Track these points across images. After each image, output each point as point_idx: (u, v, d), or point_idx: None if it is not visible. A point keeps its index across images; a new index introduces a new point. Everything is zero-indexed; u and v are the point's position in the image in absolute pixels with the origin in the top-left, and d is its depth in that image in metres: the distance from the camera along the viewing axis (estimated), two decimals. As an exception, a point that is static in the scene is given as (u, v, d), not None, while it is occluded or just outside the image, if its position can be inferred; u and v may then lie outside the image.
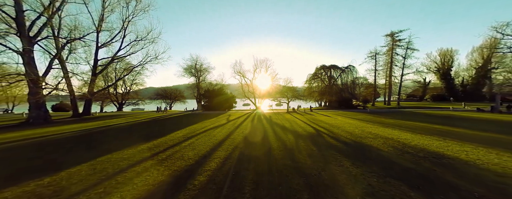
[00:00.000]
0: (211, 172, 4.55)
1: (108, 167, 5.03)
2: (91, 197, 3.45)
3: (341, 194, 3.45)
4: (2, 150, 7.26)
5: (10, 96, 31.87)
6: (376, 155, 5.74)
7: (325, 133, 9.48)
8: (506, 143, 6.83)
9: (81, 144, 7.90)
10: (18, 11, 13.27)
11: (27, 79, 13.52)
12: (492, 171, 4.40)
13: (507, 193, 3.41)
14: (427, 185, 3.75)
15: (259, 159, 5.57)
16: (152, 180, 4.19)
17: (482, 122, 12.41)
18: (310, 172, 4.50)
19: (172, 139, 8.43)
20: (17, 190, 3.77)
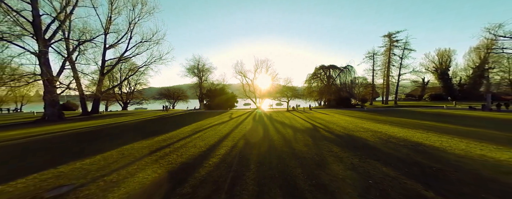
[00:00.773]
0: (222, 156, 5.45)
1: (134, 153, 5.94)
2: (130, 172, 4.35)
3: (328, 169, 4.34)
4: (37, 141, 8.18)
5: (19, 96, 32.93)
6: (362, 144, 6.62)
7: (321, 128, 10.37)
8: (480, 135, 7.70)
9: (102, 137, 8.81)
10: (35, 15, 14.19)
11: (43, 79, 14.45)
12: (456, 154, 5.28)
13: (457, 167, 4.30)
14: (398, 163, 4.64)
15: (261, 147, 6.46)
16: (174, 160, 5.10)
17: (469, 119, 13.26)
18: (304, 156, 5.39)
19: (182, 133, 9.34)
20: (68, 167, 4.68)
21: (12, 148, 7.07)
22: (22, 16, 13.82)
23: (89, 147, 6.86)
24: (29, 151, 6.50)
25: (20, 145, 7.45)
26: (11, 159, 5.62)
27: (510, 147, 5.86)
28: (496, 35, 23.26)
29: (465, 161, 4.72)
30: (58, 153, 6.17)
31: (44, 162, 5.13)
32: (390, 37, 35.67)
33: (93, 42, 18.64)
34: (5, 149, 6.87)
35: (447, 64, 50.98)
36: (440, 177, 3.79)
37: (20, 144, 7.70)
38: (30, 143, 7.85)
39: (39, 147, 7.07)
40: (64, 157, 5.53)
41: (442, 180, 3.68)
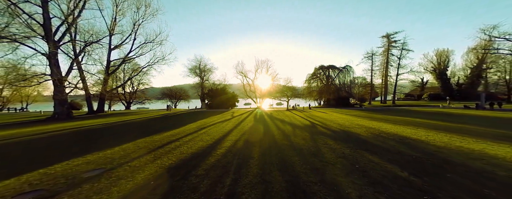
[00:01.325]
0: (227, 148, 6.08)
1: (148, 145, 6.57)
2: (148, 159, 4.98)
3: (322, 157, 4.97)
4: (55, 136, 8.82)
5: (24, 96, 33.63)
6: (355, 138, 7.25)
7: (319, 125, 10.99)
8: (466, 130, 8.32)
9: (115, 133, 9.45)
10: (45, 18, 14.84)
11: (53, 79, 15.10)
12: (437, 145, 5.91)
13: (433, 155, 4.93)
14: (383, 153, 5.27)
15: (262, 140, 7.09)
16: (185, 151, 5.73)
17: (461, 117, 13.87)
18: (301, 147, 6.02)
19: (188, 129, 9.97)
20: (93, 157, 5.32)
21: (36, 142, 7.72)
22: (34, 19, 14.48)
23: (105, 141, 7.49)
24: (52, 144, 7.14)
25: (42, 139, 8.09)
26: (40, 150, 6.26)
27: (487, 140, 6.49)
28: (491, 36, 23.86)
29: (442, 151, 5.35)
30: (78, 146, 6.80)
31: (69, 153, 5.76)
32: (389, 37, 36.29)
33: (99, 43, 19.30)
34: (32, 143, 7.51)
35: (445, 64, 51.57)
36: (416, 163, 4.42)
37: (42, 138, 8.35)
38: (50, 137, 8.49)
39: (59, 141, 7.71)
40: (84, 149, 6.17)
41: (417, 164, 4.31)
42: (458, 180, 3.46)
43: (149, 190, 3.26)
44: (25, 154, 5.84)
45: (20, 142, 7.71)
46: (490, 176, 3.64)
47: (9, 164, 4.91)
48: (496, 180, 3.44)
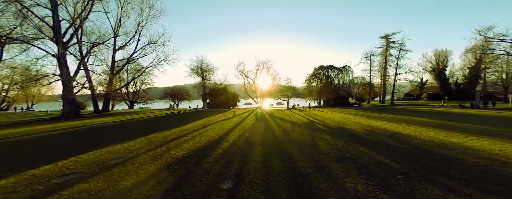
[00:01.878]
0: (232, 141, 6.68)
1: (159, 140, 7.18)
2: (162, 151, 5.59)
3: (317, 149, 5.57)
4: (70, 132, 9.44)
5: (30, 95, 34.31)
6: (349, 133, 7.85)
7: (317, 122, 11.59)
8: (453, 127, 8.90)
9: (125, 130, 10.05)
10: (55, 21, 15.47)
11: (62, 79, 15.74)
12: (422, 139, 6.50)
13: (417, 146, 5.53)
14: (373, 145, 5.86)
15: (264, 135, 7.70)
16: (194, 144, 6.33)
17: (454, 115, 14.44)
18: (299, 141, 6.62)
19: (194, 126, 10.58)
20: (112, 148, 5.93)
21: (57, 136, 8.34)
22: (45, 22, 15.12)
23: (119, 136, 8.10)
24: (72, 139, 7.76)
25: (61, 135, 8.71)
26: (64, 143, 6.88)
27: (469, 134, 7.08)
28: (486, 37, 24.41)
29: (426, 143, 5.95)
30: (96, 140, 7.41)
31: (90, 146, 6.37)
32: (387, 38, 36.85)
33: (105, 44, 19.94)
34: (52, 138, 8.13)
35: (444, 64, 52.09)
36: (400, 153, 5.02)
37: (61, 134, 8.97)
38: (68, 133, 9.11)
39: (77, 136, 8.34)
40: (103, 143, 6.78)
41: (400, 154, 4.91)
42: (432, 165, 4.06)
43: (169, 173, 3.87)
44: (51, 146, 6.45)
45: (43, 137, 8.32)
46: (460, 162, 4.24)
47: (40, 154, 5.52)
48: (464, 165, 4.04)
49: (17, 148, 6.48)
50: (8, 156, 5.49)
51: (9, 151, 6.09)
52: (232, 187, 3.19)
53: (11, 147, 6.55)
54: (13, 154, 5.62)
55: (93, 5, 17.81)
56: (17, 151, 6.03)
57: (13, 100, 34.14)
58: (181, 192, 3.02)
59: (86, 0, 16.99)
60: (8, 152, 5.90)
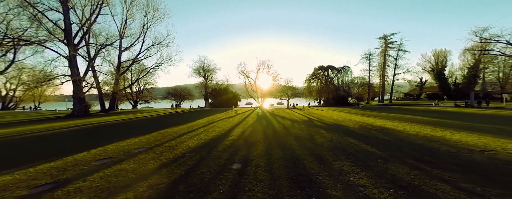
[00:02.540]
0: (237, 136, 7.41)
1: (171, 134, 7.92)
2: (176, 142, 6.32)
3: (314, 141, 6.28)
4: (86, 129, 10.20)
5: (37, 95, 35.23)
6: (344, 129, 8.56)
7: (315, 120, 12.30)
8: (441, 123, 9.58)
9: (136, 126, 10.81)
10: (66, 24, 16.27)
11: (73, 79, 16.54)
12: (409, 133, 7.19)
13: (402, 139, 6.23)
14: (363, 138, 6.57)
15: (265, 130, 8.42)
16: (204, 137, 7.07)
17: (446, 113, 15.09)
18: (298, 135, 7.34)
19: (199, 123, 11.32)
20: (132, 141, 6.67)
21: (75, 132, 9.10)
22: (57, 26, 15.94)
23: (134, 131, 8.85)
24: (92, 133, 8.52)
25: (80, 130, 9.47)
26: (87, 137, 7.63)
27: (452, 129, 7.77)
28: (482, 38, 25.01)
29: (411, 137, 6.65)
30: (113, 135, 8.16)
31: (110, 139, 7.12)
32: (386, 39, 37.48)
33: (113, 45, 20.72)
34: (72, 133, 8.89)
35: (443, 64, 52.59)
36: (385, 144, 5.73)
37: (77, 130, 9.73)
38: (85, 129, 9.88)
39: (95, 131, 9.10)
40: (121, 137, 7.53)
41: (385, 145, 5.62)
42: (409, 152, 4.77)
43: (187, 158, 4.60)
44: (76, 140, 7.20)
45: (64, 132, 9.07)
46: (435, 150, 4.94)
47: (70, 145, 6.27)
48: (437, 153, 4.75)
49: (47, 141, 7.24)
50: (43, 146, 6.25)
51: (42, 143, 6.85)
52: (241, 168, 3.92)
53: (41, 140, 7.31)
54: (47, 146, 6.38)
55: (101, 9, 18.61)
56: (49, 143, 6.79)
57: (20, 100, 35.06)
58: (200, 171, 3.75)
59: (95, 4, 17.80)
60: (42, 143, 6.66)
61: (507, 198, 2.61)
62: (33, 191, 3.02)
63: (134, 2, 22.86)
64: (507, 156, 4.40)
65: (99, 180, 3.38)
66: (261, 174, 3.55)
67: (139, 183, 3.23)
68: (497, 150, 4.83)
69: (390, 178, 3.27)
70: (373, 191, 2.84)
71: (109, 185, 3.15)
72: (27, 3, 14.43)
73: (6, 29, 17.79)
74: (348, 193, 2.78)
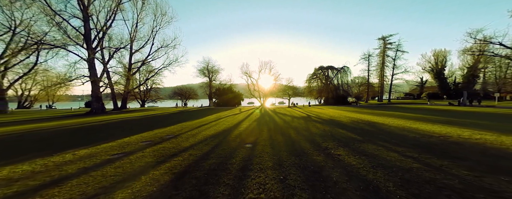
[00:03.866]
0: (244, 128, 8.76)
1: (188, 127, 9.30)
2: (193, 133, 7.68)
3: (309, 131, 7.60)
4: (111, 123, 11.64)
5: (50, 95, 37.10)
6: (337, 123, 9.85)
7: (313, 116, 13.60)
8: (426, 119, 10.79)
9: (153, 121, 12.22)
10: (86, 30, 17.82)
11: (92, 80, 18.09)
12: (390, 126, 8.46)
13: (383, 129, 7.52)
14: (351, 129, 7.87)
15: (268, 124, 9.76)
16: (216, 129, 8.44)
17: (436, 111, 16.23)
18: (296, 127, 8.67)
19: (209, 119, 12.70)
20: (159, 130, 8.06)
21: (105, 125, 10.54)
22: (79, 32, 17.51)
23: (155, 125, 10.25)
24: (119, 126, 9.94)
25: (107, 124, 10.91)
26: (119, 128, 9.06)
27: (429, 123, 9.00)
28: (476, 39, 25.96)
29: (391, 128, 7.93)
30: (141, 127, 9.57)
31: (139, 130, 8.52)
32: (384, 39, 38.51)
33: (126, 48, 22.27)
34: (102, 126, 10.34)
35: (442, 64, 53.32)
36: (367, 132, 7.03)
37: (105, 124, 11.18)
38: (111, 123, 11.31)
39: (121, 125, 10.53)
40: (148, 128, 8.93)
41: (367, 133, 6.91)
42: (382, 138, 6.07)
43: (209, 141, 5.96)
44: (111, 130, 8.62)
45: (94, 125, 10.52)
46: (403, 137, 6.22)
47: (110, 134, 7.67)
48: (404, 138, 6.03)
49: (92, 130, 8.67)
50: (94, 134, 7.67)
51: (90, 131, 8.28)
52: (252, 146, 5.26)
53: (88, 130, 8.75)
54: (97, 133, 7.80)
55: (116, 15, 20.13)
56: (95, 132, 8.23)
57: (35, 99, 36.99)
58: (222, 148, 5.11)
59: (111, 10, 19.34)
60: (90, 132, 8.09)
61: (433, 159, 3.90)
62: (113, 157, 4.41)
63: (144, 7, 24.39)
64: (456, 139, 5.67)
65: (153, 152, 4.76)
66: (267, 149, 4.89)
67: (181, 153, 4.61)
68: (452, 136, 6.10)
69: (359, 151, 4.59)
70: (344, 157, 4.17)
71: (161, 154, 4.53)
72: (53, 12, 16.00)
73: (28, 34, 19.48)
74: (327, 158, 4.12)
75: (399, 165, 3.61)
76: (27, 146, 5.83)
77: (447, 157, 4.03)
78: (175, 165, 3.81)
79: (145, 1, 23.88)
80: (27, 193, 2.75)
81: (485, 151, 4.48)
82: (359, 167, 3.53)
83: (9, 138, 7.29)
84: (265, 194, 2.60)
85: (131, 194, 2.63)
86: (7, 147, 5.76)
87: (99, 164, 3.95)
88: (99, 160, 4.19)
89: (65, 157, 4.45)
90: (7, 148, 5.69)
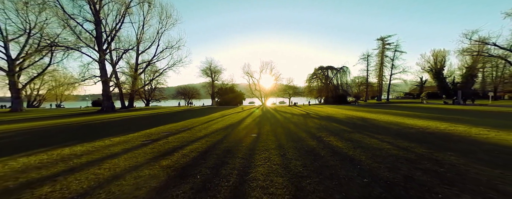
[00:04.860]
0: (249, 123, 9.72)
1: (198, 122, 10.28)
2: (204, 126, 8.66)
3: (306, 125, 8.55)
4: (123, 119, 12.64)
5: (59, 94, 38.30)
6: (333, 118, 10.78)
7: (311, 113, 14.54)
8: (413, 115, 11.69)
9: (166, 117, 13.22)
10: (98, 32, 18.88)
11: (103, 80, 19.14)
12: (380, 120, 9.39)
13: (373, 123, 8.45)
14: (344, 123, 8.81)
15: (270, 120, 10.72)
16: (225, 123, 9.41)
17: (429, 109, 17.08)
18: (295, 122, 9.62)
19: (215, 116, 13.68)
20: (173, 124, 9.05)
21: (121, 121, 11.55)
22: (92, 35, 18.58)
23: (167, 120, 11.24)
24: (134, 122, 10.94)
25: (122, 120, 11.92)
26: (134, 124, 10.06)
27: (415, 118, 9.91)
28: (471, 40, 26.73)
29: (379, 122, 8.86)
30: (155, 122, 10.54)
31: (156, 124, 9.50)
32: (383, 40, 39.31)
33: (134, 49, 23.31)
34: (119, 121, 11.34)
35: (441, 64, 53.90)
36: (357, 125, 7.97)
37: (121, 120, 12.19)
38: (125, 120, 12.31)
39: (136, 120, 11.53)
40: (162, 123, 9.92)
41: (357, 126, 7.85)
42: (370, 130, 7.01)
43: (219, 132, 6.93)
44: (129, 125, 9.61)
45: (112, 121, 11.52)
46: (387, 128, 7.16)
47: (130, 127, 8.66)
48: (388, 129, 6.97)
49: (113, 124, 9.67)
50: (117, 127, 8.67)
51: (113, 125, 9.28)
52: (257, 135, 6.22)
53: (109, 124, 9.75)
54: (119, 127, 8.80)
55: (125, 18, 21.17)
56: (113, 126, 9.23)
57: (43, 98, 38.21)
58: (231, 137, 6.07)
59: (120, 14, 20.39)
60: (113, 125, 9.09)
61: (404, 143, 4.83)
62: (144, 142, 5.39)
63: (150, 10, 25.43)
64: (432, 130, 6.59)
65: (175, 139, 5.74)
66: (270, 137, 5.86)
67: (199, 140, 5.58)
68: (430, 127, 7.02)
69: (346, 138, 5.54)
70: (333, 142, 5.12)
71: (183, 140, 5.51)
72: (67, 16, 17.08)
73: (41, 36, 20.58)
74: (319, 143, 5.07)
75: (375, 146, 4.56)
76: (63, 136, 6.83)
77: (417, 142, 4.97)
78: (197, 147, 4.78)
79: (151, 4, 24.90)
80: (94, 162, 3.73)
81: (450, 137, 5.42)
82: (343, 148, 4.49)
83: (39, 130, 8.29)
84: (270, 163, 3.57)
85: (174, 162, 3.61)
86: (42, 137, 6.76)
87: (136, 146, 4.94)
88: (134, 144, 5.17)
89: (105, 142, 5.44)
90: (43, 138, 6.68)
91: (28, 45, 20.99)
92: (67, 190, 2.56)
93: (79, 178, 2.93)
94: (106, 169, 3.33)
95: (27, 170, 3.35)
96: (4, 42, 19.53)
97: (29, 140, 6.32)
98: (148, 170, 3.23)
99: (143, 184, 2.70)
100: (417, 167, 3.21)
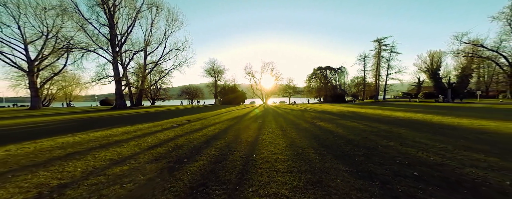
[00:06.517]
0: (252, 115, 11.18)
1: (207, 115, 11.74)
2: (217, 117, 10.13)
3: (304, 116, 10.01)
4: (142, 113, 14.09)
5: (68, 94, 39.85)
6: (328, 112, 12.23)
7: (309, 109, 15.99)
8: (399, 110, 13.14)
9: (178, 112, 14.67)
10: (112, 35, 20.41)
11: (116, 79, 20.64)
12: (370, 113, 10.82)
13: (363, 115, 9.91)
14: (336, 115, 10.27)
15: (272, 113, 12.18)
16: (231, 116, 10.87)
17: (417, 106, 18.50)
18: (294, 114, 11.08)
19: (221, 111, 15.14)
20: (188, 116, 10.51)
21: (141, 115, 13.02)
22: (107, 38, 20.12)
23: (179, 114, 12.70)
24: (150, 116, 12.41)
25: (142, 115, 13.38)
26: (154, 117, 11.53)
27: (399, 112, 11.35)
28: (462, 42, 28.17)
29: (367, 114, 10.30)
30: (170, 115, 12.00)
31: (171, 116, 10.95)
32: (379, 42, 40.82)
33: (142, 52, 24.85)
34: (136, 116, 12.80)
35: (437, 64, 55.35)
36: (346, 116, 9.42)
37: (140, 115, 13.65)
38: (140, 115, 13.77)
39: (151, 115, 13.00)
40: (176, 116, 11.38)
41: (346, 116, 9.31)
42: (355, 118, 8.46)
43: (228, 121, 8.40)
44: (148, 118, 11.07)
45: (130, 116, 12.96)
46: (370, 118, 8.60)
47: (150, 119, 10.11)
48: (369, 118, 8.42)
49: (134, 117, 11.12)
50: (140, 118, 10.12)
51: (132, 118, 10.73)
52: (261, 122, 7.68)
53: (131, 117, 11.21)
54: (139, 118, 10.26)
55: (135, 22, 22.70)
56: (137, 117, 10.68)
57: (53, 98, 39.73)
58: (240, 124, 7.52)
59: (131, 18, 21.95)
60: (136, 118, 10.53)
61: (376, 124, 6.28)
62: (174, 125, 6.86)
63: (158, 14, 26.98)
64: (406, 118, 8.04)
65: (197, 124, 7.21)
66: (272, 123, 7.32)
67: (215, 125, 7.05)
68: (404, 117, 8.47)
69: (334, 123, 7.00)
70: (323, 125, 6.58)
71: (203, 125, 6.97)
72: (85, 20, 18.63)
73: (57, 38, 22.12)
74: (311, 125, 6.53)
75: (353, 126, 6.03)
76: (102, 124, 8.29)
77: (386, 124, 6.42)
78: (217, 127, 6.25)
79: (159, 8, 26.45)
80: (150, 134, 5.18)
81: (413, 122, 6.87)
82: (328, 127, 5.95)
83: (75, 120, 9.74)
84: (273, 133, 5.03)
85: (205, 134, 5.07)
86: (84, 124, 8.21)
87: (170, 127, 6.40)
88: (166, 127, 6.63)
89: (144, 126, 6.91)
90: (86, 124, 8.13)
91: (45, 47, 22.54)
92: (154, 141, 4.03)
93: (152, 140, 4.40)
94: (163, 136, 4.80)
95: (108, 137, 4.82)
96: (25, 45, 21.09)
97: (74, 126, 7.78)
98: (191, 136, 4.70)
99: (193, 141, 4.17)
100: (374, 134, 4.67)
